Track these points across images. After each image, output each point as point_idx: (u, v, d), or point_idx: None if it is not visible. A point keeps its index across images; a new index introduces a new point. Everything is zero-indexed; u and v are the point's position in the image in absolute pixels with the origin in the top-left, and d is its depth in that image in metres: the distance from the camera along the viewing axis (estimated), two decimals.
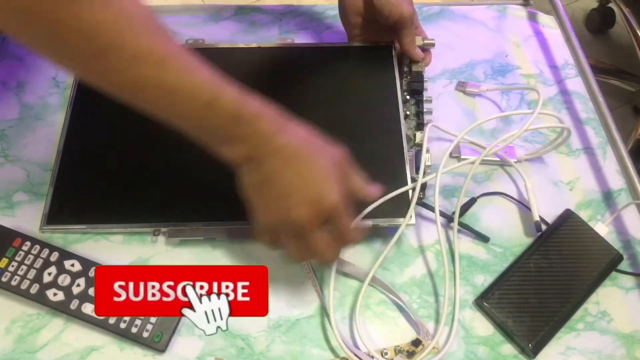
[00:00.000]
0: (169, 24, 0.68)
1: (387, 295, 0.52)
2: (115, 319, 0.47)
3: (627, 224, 0.59)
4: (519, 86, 0.68)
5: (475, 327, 0.51)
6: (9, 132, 0.59)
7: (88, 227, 0.52)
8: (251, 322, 0.50)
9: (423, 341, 0.49)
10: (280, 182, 0.43)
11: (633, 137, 1.37)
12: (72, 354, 0.47)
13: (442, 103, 0.66)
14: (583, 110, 0.67)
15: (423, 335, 0.49)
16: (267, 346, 0.49)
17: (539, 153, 0.61)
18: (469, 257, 0.55)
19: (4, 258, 0.49)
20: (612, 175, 0.62)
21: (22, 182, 0.56)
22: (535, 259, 0.54)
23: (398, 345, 0.49)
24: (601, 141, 0.65)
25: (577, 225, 0.56)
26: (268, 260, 0.52)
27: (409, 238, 0.56)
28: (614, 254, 0.55)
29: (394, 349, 0.49)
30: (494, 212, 0.58)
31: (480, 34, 0.73)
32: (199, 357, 0.48)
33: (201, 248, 0.53)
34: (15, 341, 0.47)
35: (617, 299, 0.54)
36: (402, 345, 0.49)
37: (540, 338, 0.50)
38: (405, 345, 0.49)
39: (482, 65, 0.70)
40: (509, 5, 0.77)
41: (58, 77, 0.64)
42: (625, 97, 1.55)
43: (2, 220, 0.53)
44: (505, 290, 0.52)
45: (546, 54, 0.73)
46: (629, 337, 0.52)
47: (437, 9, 0.75)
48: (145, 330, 0.47)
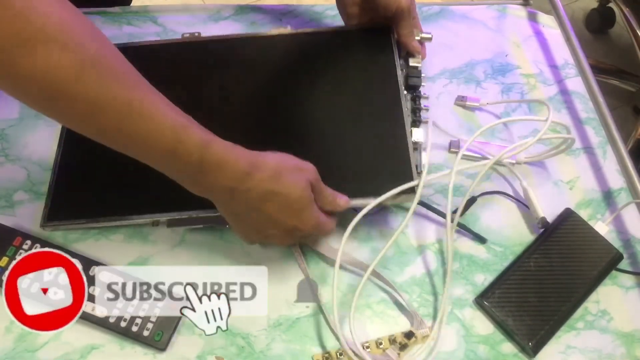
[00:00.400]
0: (169, 23, 0.69)
1: (386, 288, 0.52)
2: (115, 317, 0.47)
3: (627, 223, 0.59)
4: (521, 99, 0.67)
5: (476, 326, 0.51)
6: (9, 132, 0.59)
7: (87, 222, 0.52)
8: (251, 321, 0.50)
9: (416, 333, 0.49)
10: (258, 219, 0.45)
11: (633, 137, 1.38)
12: (72, 352, 0.47)
13: (442, 102, 0.66)
14: (583, 110, 0.67)
15: (416, 326, 0.49)
16: (267, 345, 0.49)
17: (540, 157, 0.61)
18: (469, 257, 0.55)
19: (4, 257, 0.49)
20: (612, 175, 0.62)
21: (23, 182, 0.56)
22: (536, 258, 0.54)
23: (392, 334, 0.50)
24: (601, 141, 0.65)
25: (577, 225, 0.56)
26: (268, 260, 0.53)
27: (409, 237, 0.56)
28: (614, 253, 0.55)
29: (388, 339, 0.49)
30: (493, 211, 0.58)
31: (480, 34, 0.73)
32: (199, 355, 0.48)
33: (201, 248, 0.53)
34: (16, 340, 0.48)
35: (617, 298, 0.54)
36: (396, 335, 0.49)
37: (541, 337, 0.50)
38: (399, 336, 0.49)
39: (482, 65, 0.70)
40: (509, 5, 0.77)
41: None
42: (625, 97, 1.55)
43: (3, 219, 0.53)
44: (505, 289, 0.52)
45: (546, 54, 0.73)
46: (629, 336, 0.52)
47: (437, 9, 0.75)
48: (146, 329, 0.47)
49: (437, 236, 0.56)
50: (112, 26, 0.68)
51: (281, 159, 0.45)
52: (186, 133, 0.40)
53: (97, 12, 0.69)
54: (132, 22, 0.68)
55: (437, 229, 0.56)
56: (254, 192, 0.43)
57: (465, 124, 0.64)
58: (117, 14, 0.69)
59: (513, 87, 0.68)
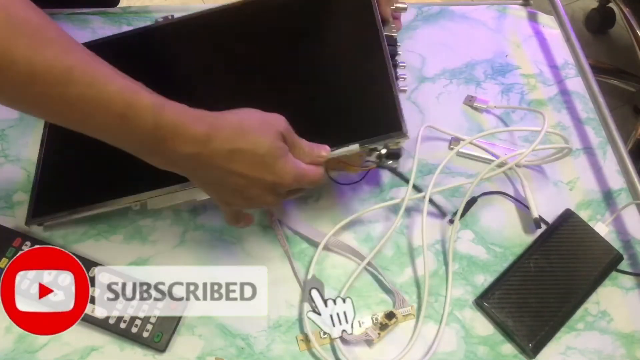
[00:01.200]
0: None
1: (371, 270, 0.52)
2: (115, 318, 0.47)
3: (627, 224, 0.59)
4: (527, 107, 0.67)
5: (475, 327, 0.51)
6: (9, 132, 0.59)
7: (71, 213, 0.52)
8: (251, 322, 0.50)
9: (397, 313, 0.50)
10: (233, 183, 0.42)
11: (633, 137, 1.38)
12: (72, 353, 0.47)
13: (441, 102, 0.66)
14: (583, 110, 0.67)
15: (398, 305, 0.50)
16: (267, 346, 0.49)
17: (538, 162, 0.61)
18: (469, 257, 0.55)
19: (4, 258, 0.49)
20: (612, 175, 0.62)
21: (22, 182, 0.56)
22: (535, 259, 0.54)
23: (375, 314, 0.50)
24: (601, 141, 0.65)
25: (577, 225, 0.56)
26: (268, 261, 0.53)
27: (409, 237, 0.56)
28: (614, 253, 0.55)
29: (371, 319, 0.50)
30: (493, 212, 0.58)
31: (480, 34, 0.73)
32: (199, 357, 0.48)
33: (201, 248, 0.53)
34: (16, 341, 0.47)
35: (617, 299, 0.54)
36: (378, 314, 0.50)
37: (540, 338, 0.50)
38: (381, 316, 0.50)
39: (482, 65, 0.70)
40: (509, 5, 0.77)
41: None
42: (625, 97, 1.55)
43: (2, 220, 0.53)
44: (505, 290, 0.52)
45: (546, 54, 0.73)
46: (629, 336, 0.52)
47: (437, 9, 0.75)
48: (145, 330, 0.47)
49: (437, 237, 0.56)
50: (112, 26, 0.68)
51: (243, 115, 0.42)
52: (136, 97, 0.37)
53: (97, 12, 0.69)
54: (132, 22, 0.68)
55: (438, 230, 0.56)
56: (219, 155, 0.40)
57: (464, 119, 0.64)
58: (117, 14, 0.69)
59: (513, 87, 0.68)
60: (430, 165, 0.60)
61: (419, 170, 0.59)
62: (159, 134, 0.38)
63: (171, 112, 0.38)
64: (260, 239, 0.54)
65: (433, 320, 0.51)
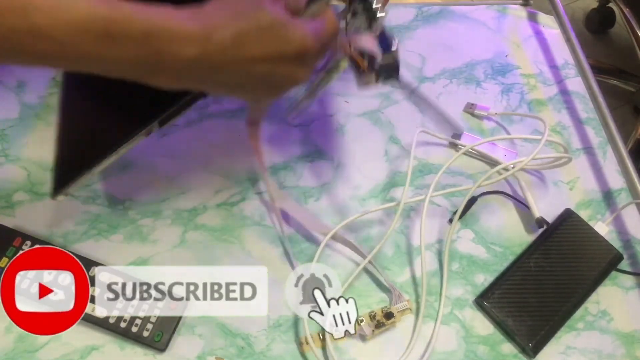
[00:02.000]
0: None
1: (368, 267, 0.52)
2: (115, 318, 0.47)
3: (627, 224, 0.59)
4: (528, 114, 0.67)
5: (475, 327, 0.51)
6: (9, 132, 0.59)
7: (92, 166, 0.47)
8: (251, 322, 0.50)
9: (395, 313, 0.50)
10: (255, 71, 0.38)
11: (633, 137, 1.38)
12: (72, 353, 0.47)
13: (441, 102, 0.66)
14: (583, 110, 0.67)
15: (395, 300, 0.50)
16: (267, 345, 0.49)
17: (537, 167, 0.61)
18: (469, 257, 0.55)
19: (4, 257, 0.49)
20: (612, 175, 0.62)
21: (22, 182, 0.56)
22: (535, 259, 0.54)
23: (373, 311, 0.50)
24: (601, 141, 0.65)
25: (577, 225, 0.56)
26: (268, 261, 0.53)
27: (409, 237, 0.56)
28: (614, 253, 0.55)
29: (369, 315, 0.50)
30: (494, 211, 0.58)
31: (480, 34, 0.73)
32: (199, 356, 0.48)
33: (201, 248, 0.53)
34: (16, 340, 0.47)
35: (617, 299, 0.54)
36: (376, 312, 0.50)
37: (541, 337, 0.50)
38: (379, 314, 0.50)
39: (482, 65, 0.70)
40: (509, 5, 0.78)
41: (58, 77, 0.64)
42: (625, 97, 1.55)
43: (3, 219, 0.52)
44: (505, 289, 0.52)
45: (546, 54, 0.73)
46: (629, 336, 0.52)
47: (437, 9, 0.75)
48: (146, 330, 0.47)
49: (437, 236, 0.56)
50: None
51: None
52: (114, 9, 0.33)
53: None
54: None
55: (438, 229, 0.56)
56: (226, 47, 0.35)
57: (466, 125, 0.64)
58: None
59: (513, 87, 0.68)
60: (431, 166, 0.60)
61: (419, 170, 0.59)
62: (152, 44, 0.34)
63: (157, 16, 0.34)
64: (261, 239, 0.54)
65: (433, 320, 0.51)
